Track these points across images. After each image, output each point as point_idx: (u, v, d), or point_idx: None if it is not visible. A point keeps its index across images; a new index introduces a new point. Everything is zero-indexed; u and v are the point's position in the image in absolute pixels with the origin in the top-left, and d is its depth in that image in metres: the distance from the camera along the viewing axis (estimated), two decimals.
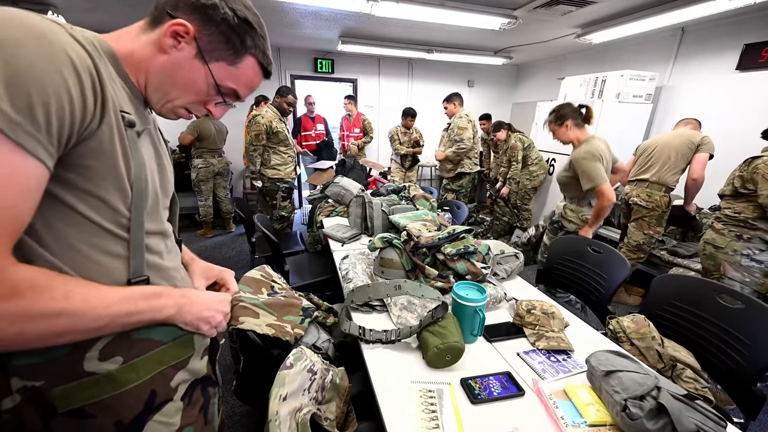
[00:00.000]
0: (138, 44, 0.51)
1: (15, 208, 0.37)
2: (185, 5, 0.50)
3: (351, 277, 1.26)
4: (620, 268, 1.45)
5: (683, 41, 3.06)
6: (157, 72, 0.52)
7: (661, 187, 2.28)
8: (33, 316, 0.37)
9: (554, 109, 1.88)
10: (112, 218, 0.46)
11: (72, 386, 0.44)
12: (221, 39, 0.53)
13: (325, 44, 4.09)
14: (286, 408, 0.68)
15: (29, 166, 0.37)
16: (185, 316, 0.53)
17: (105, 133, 0.43)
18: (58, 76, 0.37)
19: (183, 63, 0.52)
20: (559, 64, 4.49)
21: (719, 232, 1.75)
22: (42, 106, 0.36)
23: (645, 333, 1.14)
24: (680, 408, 0.58)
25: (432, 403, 0.76)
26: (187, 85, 0.53)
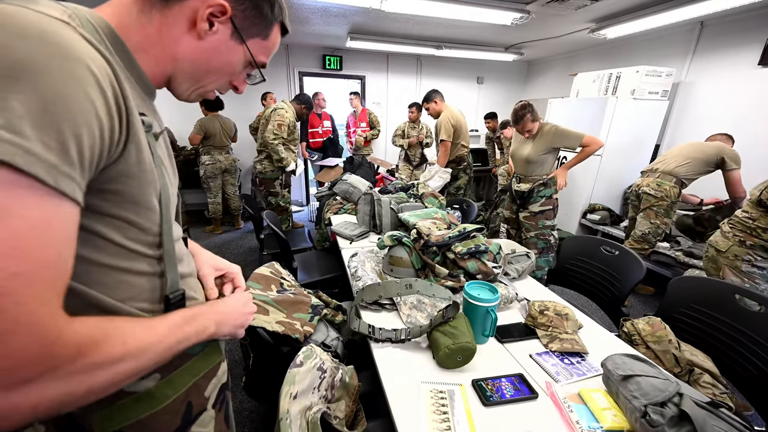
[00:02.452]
0: (153, 27, 0.43)
1: (60, 260, 0.32)
2: None
3: (360, 275, 1.25)
4: (635, 270, 1.42)
5: (702, 36, 2.97)
6: (192, 60, 0.46)
7: (672, 178, 2.25)
8: (98, 370, 0.35)
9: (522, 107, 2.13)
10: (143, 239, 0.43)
11: (112, 408, 0.42)
12: (255, 13, 0.48)
13: (333, 41, 4.08)
14: (296, 406, 0.68)
15: (67, 210, 0.32)
16: (223, 329, 0.52)
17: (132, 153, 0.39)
18: (86, 101, 0.32)
19: (220, 46, 0.46)
20: (571, 60, 4.40)
21: (724, 235, 1.69)
22: (75, 141, 0.31)
23: (661, 336, 1.11)
24: (704, 416, 0.56)
25: (443, 404, 0.75)
26: (223, 67, 0.49)
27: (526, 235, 2.25)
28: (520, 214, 2.29)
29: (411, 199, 2.13)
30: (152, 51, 0.44)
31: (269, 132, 2.71)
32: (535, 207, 2.18)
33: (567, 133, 2.09)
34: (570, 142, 2.10)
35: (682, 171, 2.24)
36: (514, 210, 2.38)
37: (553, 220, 2.20)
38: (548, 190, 2.16)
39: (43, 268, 0.31)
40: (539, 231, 2.19)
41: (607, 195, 3.23)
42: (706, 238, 1.86)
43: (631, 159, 3.11)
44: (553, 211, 2.18)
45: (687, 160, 2.24)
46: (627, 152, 3.09)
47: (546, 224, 2.18)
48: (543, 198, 2.16)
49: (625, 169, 3.16)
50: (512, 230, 2.46)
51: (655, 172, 2.33)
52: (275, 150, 2.75)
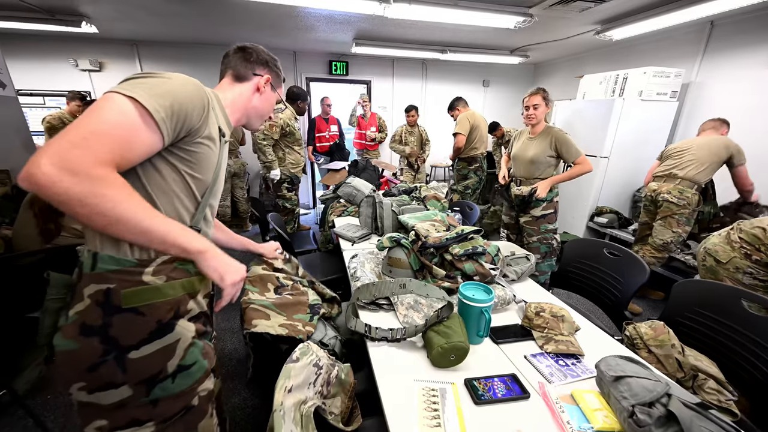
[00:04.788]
0: (234, 94, 0.86)
1: (131, 145, 0.59)
2: (260, 64, 0.89)
3: (359, 276, 1.27)
4: (638, 273, 1.40)
5: (712, 36, 2.91)
6: (257, 107, 0.91)
7: (693, 184, 2.20)
8: (106, 199, 0.55)
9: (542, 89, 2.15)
10: (198, 187, 0.73)
11: (134, 290, 0.64)
12: (277, 78, 0.94)
13: (339, 47, 4.15)
14: (290, 399, 0.70)
15: (152, 132, 0.61)
16: (209, 261, 0.69)
17: (205, 137, 0.71)
18: (190, 100, 0.66)
19: (269, 97, 0.93)
20: (578, 62, 4.37)
21: (729, 243, 1.60)
22: (174, 111, 0.63)
23: (664, 340, 1.09)
24: (692, 417, 0.56)
25: (434, 402, 0.76)
26: (270, 107, 0.95)
27: (528, 239, 2.23)
28: (520, 219, 2.27)
29: (413, 202, 2.14)
30: (235, 106, 0.87)
31: (260, 132, 2.72)
32: (536, 211, 2.16)
33: (570, 144, 2.07)
34: (569, 153, 2.07)
35: (702, 177, 2.19)
36: (514, 216, 2.36)
37: (555, 223, 2.18)
38: (549, 194, 2.14)
39: (120, 143, 0.57)
40: (542, 235, 2.17)
41: (614, 198, 3.18)
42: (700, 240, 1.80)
43: (639, 161, 3.07)
44: (554, 215, 2.16)
45: (704, 165, 2.18)
46: (635, 154, 3.05)
47: (548, 228, 2.16)
48: (544, 202, 2.15)
49: (633, 171, 3.11)
50: (512, 235, 2.44)
51: (674, 178, 2.26)
52: (262, 151, 2.73)
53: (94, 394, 0.62)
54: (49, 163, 0.50)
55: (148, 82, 0.62)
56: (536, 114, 2.09)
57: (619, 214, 3.05)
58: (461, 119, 3.17)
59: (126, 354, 0.63)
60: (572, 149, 2.05)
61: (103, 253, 0.63)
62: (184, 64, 4.17)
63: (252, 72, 0.86)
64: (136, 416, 0.65)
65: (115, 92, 0.59)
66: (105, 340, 0.62)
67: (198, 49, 4.16)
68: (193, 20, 3.07)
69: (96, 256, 0.63)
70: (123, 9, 2.80)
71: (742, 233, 1.61)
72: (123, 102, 0.58)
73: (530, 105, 2.11)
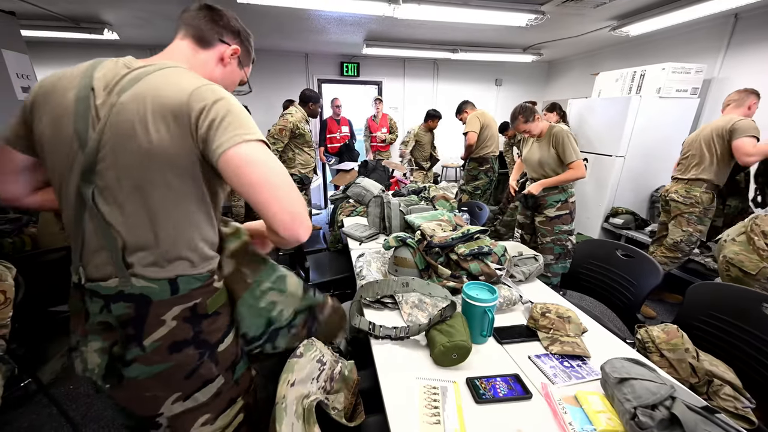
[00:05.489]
0: (197, 63, 0.72)
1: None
2: (230, 33, 0.75)
3: (364, 275, 1.29)
4: (651, 275, 1.36)
5: (737, 29, 2.80)
6: (220, 79, 0.75)
7: (702, 183, 2.13)
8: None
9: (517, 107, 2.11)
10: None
11: (213, 297, 0.68)
12: (246, 55, 0.80)
13: (350, 48, 4.19)
14: (293, 393, 0.72)
15: None
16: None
17: None
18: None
19: (233, 72, 0.78)
20: (593, 59, 4.27)
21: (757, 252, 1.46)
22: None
23: (677, 344, 1.06)
24: (696, 420, 0.54)
25: (435, 400, 0.76)
26: (232, 86, 0.80)
27: (541, 240, 2.19)
28: (535, 219, 2.24)
29: (422, 202, 2.14)
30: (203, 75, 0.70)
31: (269, 136, 2.78)
32: (551, 212, 2.12)
33: (566, 146, 2.00)
34: (564, 155, 2.01)
35: (708, 174, 2.11)
36: (529, 215, 2.33)
37: (570, 224, 2.13)
38: (562, 194, 2.10)
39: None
40: (556, 236, 2.13)
41: (631, 198, 3.09)
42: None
43: (657, 160, 2.97)
44: (570, 215, 2.12)
45: (704, 161, 2.10)
46: (653, 153, 2.96)
47: (563, 229, 2.12)
48: (558, 203, 2.10)
49: (651, 171, 3.02)
50: (527, 235, 2.41)
51: (681, 180, 2.22)
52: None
53: (192, 397, 0.66)
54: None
55: (244, 114, 0.63)
56: (531, 132, 2.11)
57: (635, 215, 2.97)
58: (471, 118, 3.15)
59: (216, 349, 0.69)
60: (568, 152, 2.00)
61: (182, 276, 0.64)
62: None
63: (218, 38, 0.73)
64: (230, 397, 0.72)
65: (259, 141, 0.61)
66: (198, 345, 0.66)
67: None
68: None
69: (174, 282, 0.63)
70: (142, 16, 2.92)
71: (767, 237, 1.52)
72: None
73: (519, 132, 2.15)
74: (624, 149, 2.92)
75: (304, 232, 0.63)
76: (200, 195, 0.64)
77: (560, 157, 2.04)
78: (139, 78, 0.59)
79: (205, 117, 0.58)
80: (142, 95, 0.57)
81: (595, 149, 3.17)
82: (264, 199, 0.60)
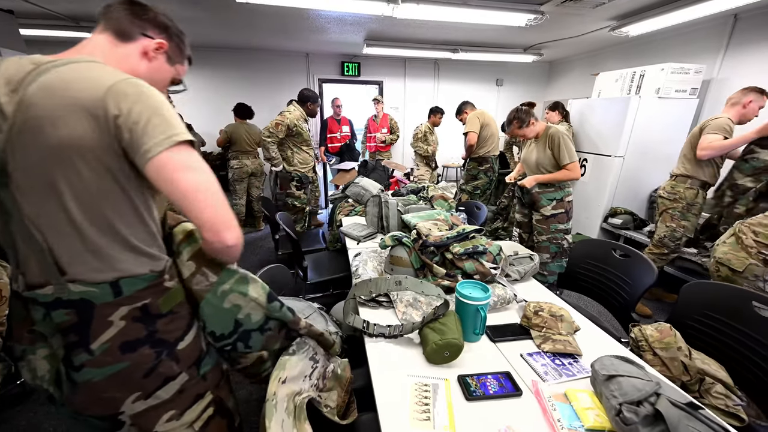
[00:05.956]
0: (117, 57, 0.67)
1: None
2: (155, 27, 0.71)
3: (360, 274, 1.30)
4: (646, 274, 1.37)
5: (736, 29, 2.79)
6: (146, 74, 0.69)
7: (686, 179, 2.17)
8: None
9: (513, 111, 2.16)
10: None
11: (166, 296, 0.67)
12: (177, 51, 0.76)
13: (351, 48, 4.19)
14: (284, 390, 0.73)
15: None
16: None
17: None
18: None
19: (161, 69, 0.73)
20: (594, 59, 4.26)
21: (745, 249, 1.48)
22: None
23: (669, 342, 1.07)
24: (679, 416, 0.55)
25: (426, 397, 0.77)
26: (162, 83, 0.75)
27: (538, 238, 2.20)
28: (533, 217, 2.25)
29: (420, 202, 2.15)
30: (121, 68, 0.64)
31: (265, 129, 2.77)
32: (546, 210, 2.13)
33: (562, 147, 2.02)
34: (559, 157, 2.03)
35: (692, 170, 2.16)
36: (526, 213, 2.34)
37: (566, 223, 2.14)
38: (557, 193, 2.11)
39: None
40: (551, 235, 2.14)
41: (630, 198, 3.09)
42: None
43: (656, 161, 2.97)
44: (566, 215, 2.13)
45: (687, 156, 2.17)
46: (652, 154, 2.95)
47: (559, 228, 2.13)
48: (553, 201, 2.11)
49: (650, 171, 3.01)
50: (525, 234, 2.42)
51: (672, 176, 2.28)
52: (266, 147, 2.79)
53: (154, 395, 0.65)
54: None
55: (170, 113, 0.60)
56: (526, 136, 2.16)
57: (634, 215, 2.97)
58: (470, 118, 3.16)
59: (175, 347, 0.68)
60: (562, 154, 2.02)
61: (124, 278, 0.62)
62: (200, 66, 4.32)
63: (140, 31, 0.68)
64: (196, 392, 0.72)
65: (187, 143, 0.60)
66: (154, 344, 0.65)
67: (214, 52, 4.30)
68: (210, 25, 3.18)
69: (116, 285, 0.61)
70: None
71: (758, 236, 1.52)
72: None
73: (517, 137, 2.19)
74: (623, 149, 2.92)
75: (230, 237, 0.62)
76: (126, 193, 0.60)
77: (555, 157, 2.05)
78: (47, 72, 0.56)
79: (128, 115, 0.55)
80: (51, 90, 0.54)
81: (594, 149, 3.17)
82: (192, 208, 0.59)
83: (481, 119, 3.15)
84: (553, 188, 2.12)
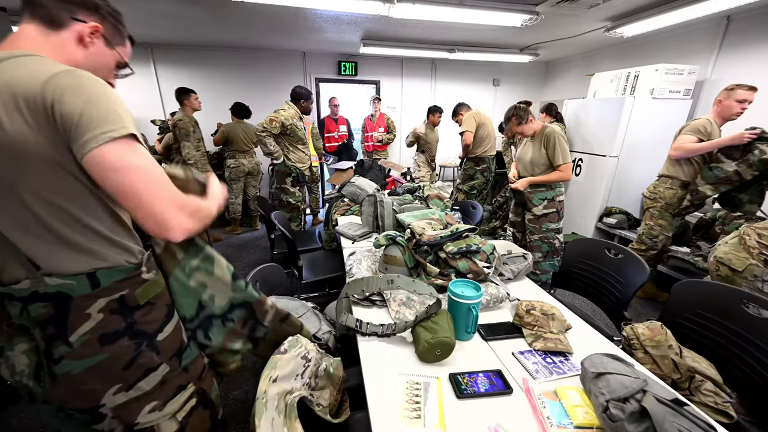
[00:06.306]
0: (50, 48, 0.62)
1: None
2: (84, 9, 0.65)
3: (354, 273, 1.30)
4: (639, 273, 1.38)
5: (729, 31, 2.82)
6: (85, 62, 0.66)
7: (667, 179, 2.22)
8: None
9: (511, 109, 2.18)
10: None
11: (143, 288, 0.67)
12: (115, 33, 0.71)
13: (348, 47, 4.19)
14: (275, 389, 0.73)
15: None
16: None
17: None
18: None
19: (101, 53, 0.69)
20: (590, 59, 4.28)
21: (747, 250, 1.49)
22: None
23: (660, 341, 1.08)
24: (664, 413, 0.56)
25: (417, 395, 0.78)
26: (105, 69, 0.71)
27: (530, 237, 2.22)
28: (525, 217, 2.27)
29: (415, 201, 2.16)
30: (58, 58, 0.61)
31: (259, 125, 2.74)
32: (538, 209, 2.15)
33: (557, 147, 2.03)
34: (553, 157, 2.05)
35: (673, 170, 2.20)
36: (519, 213, 2.35)
37: (557, 223, 2.17)
38: (548, 192, 2.13)
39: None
40: (543, 234, 2.16)
41: (624, 197, 3.11)
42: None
43: (650, 161, 2.98)
44: (557, 214, 2.15)
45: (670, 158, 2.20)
46: (646, 154, 2.97)
47: (550, 227, 2.15)
48: (545, 200, 2.13)
49: (644, 171, 3.03)
50: (518, 233, 2.43)
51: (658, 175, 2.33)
52: (263, 142, 2.77)
53: (135, 387, 0.66)
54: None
55: (110, 105, 0.57)
56: (524, 133, 2.19)
57: (628, 215, 2.99)
58: (466, 118, 3.17)
59: (155, 338, 0.69)
60: (557, 154, 2.04)
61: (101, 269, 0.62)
62: (197, 65, 4.30)
63: (70, 15, 0.64)
64: (178, 384, 0.73)
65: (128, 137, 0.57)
66: (134, 336, 0.66)
67: (211, 51, 4.28)
68: (207, 24, 3.16)
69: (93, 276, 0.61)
70: (138, 15, 2.91)
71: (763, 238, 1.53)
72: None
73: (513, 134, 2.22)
74: (618, 149, 2.94)
75: (175, 234, 0.61)
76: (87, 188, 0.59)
77: (549, 157, 2.07)
78: None
79: (63, 108, 0.53)
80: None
81: (589, 149, 3.19)
82: (129, 207, 0.59)
83: (477, 119, 3.16)
84: (545, 188, 2.14)
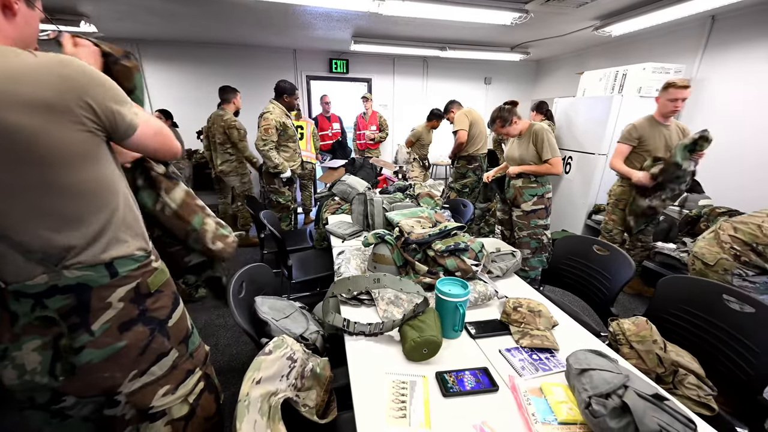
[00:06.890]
0: None
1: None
2: None
3: (342, 272, 1.29)
4: (625, 269, 1.40)
5: (714, 30, 2.86)
6: (19, 33, 0.63)
7: (619, 177, 2.32)
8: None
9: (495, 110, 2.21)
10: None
11: (153, 276, 0.72)
12: None
13: (338, 44, 4.16)
14: (258, 391, 0.72)
15: None
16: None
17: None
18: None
19: (27, 18, 0.64)
20: (580, 58, 4.32)
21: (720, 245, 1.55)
22: None
23: (645, 336, 1.09)
24: (645, 407, 0.56)
25: (403, 394, 0.77)
26: (33, 32, 0.67)
27: (518, 234, 2.24)
28: (513, 214, 2.29)
29: (406, 199, 2.15)
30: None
31: (258, 140, 2.67)
32: (527, 206, 2.17)
33: (545, 144, 2.07)
34: (542, 152, 2.08)
35: (619, 166, 2.25)
36: (507, 210, 2.37)
37: (545, 219, 2.20)
38: (539, 189, 2.15)
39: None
40: (532, 230, 2.18)
41: None
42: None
43: None
44: (545, 210, 2.17)
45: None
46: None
47: (539, 223, 2.17)
48: (534, 197, 2.15)
49: None
50: (506, 231, 2.45)
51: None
52: (267, 156, 2.71)
53: (149, 372, 0.70)
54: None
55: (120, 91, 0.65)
56: (509, 134, 2.22)
57: None
58: (458, 116, 3.17)
59: (166, 324, 0.74)
60: (545, 149, 2.07)
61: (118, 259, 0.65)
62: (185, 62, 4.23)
63: None
64: (187, 368, 0.78)
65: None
66: (147, 322, 0.70)
67: (200, 48, 4.22)
68: (194, 19, 3.10)
69: (111, 266, 0.64)
70: (123, 9, 2.85)
71: (737, 232, 1.56)
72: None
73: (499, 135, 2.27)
74: (607, 147, 2.97)
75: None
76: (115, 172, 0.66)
77: (538, 152, 2.09)
78: None
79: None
80: None
81: (579, 147, 3.22)
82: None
83: (470, 117, 3.17)
84: (535, 184, 2.15)
